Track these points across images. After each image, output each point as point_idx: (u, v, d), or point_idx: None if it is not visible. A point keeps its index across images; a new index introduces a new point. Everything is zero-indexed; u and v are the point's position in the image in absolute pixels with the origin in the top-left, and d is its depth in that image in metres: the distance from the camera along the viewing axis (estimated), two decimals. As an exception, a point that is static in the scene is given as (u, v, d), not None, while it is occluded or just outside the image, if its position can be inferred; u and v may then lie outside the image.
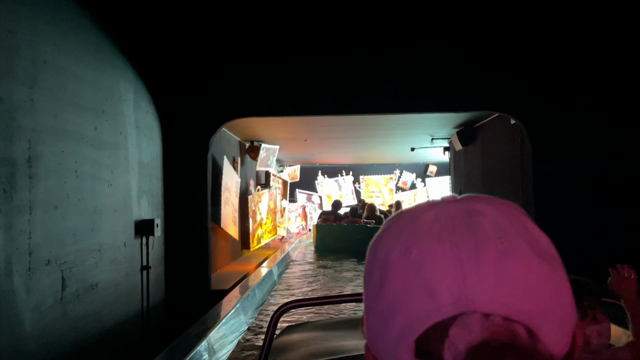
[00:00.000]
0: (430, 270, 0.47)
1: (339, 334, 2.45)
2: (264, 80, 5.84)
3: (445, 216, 0.50)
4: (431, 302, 0.46)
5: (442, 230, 0.49)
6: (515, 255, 0.47)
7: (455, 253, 0.47)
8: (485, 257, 0.46)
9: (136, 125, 4.88)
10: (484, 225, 0.48)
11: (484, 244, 0.47)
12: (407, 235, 0.50)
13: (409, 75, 5.78)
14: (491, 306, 0.45)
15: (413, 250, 0.49)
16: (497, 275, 0.46)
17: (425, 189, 17.63)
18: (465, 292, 0.45)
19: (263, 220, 10.78)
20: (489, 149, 7.91)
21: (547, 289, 0.47)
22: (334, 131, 9.63)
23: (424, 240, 0.49)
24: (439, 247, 0.48)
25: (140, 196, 4.93)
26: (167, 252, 5.61)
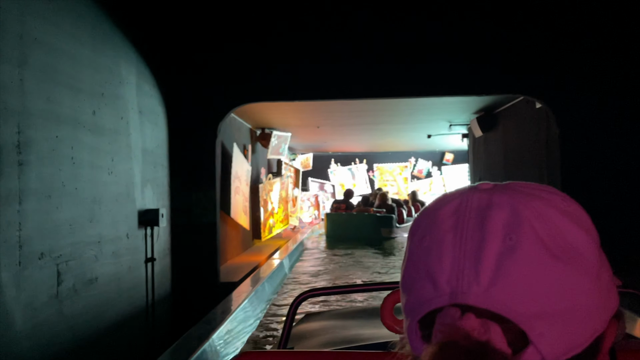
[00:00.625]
0: (435, 259, 0.49)
1: (357, 322, 2.46)
2: (275, 63, 5.54)
3: (464, 208, 0.51)
4: (432, 290, 0.48)
5: (456, 223, 0.50)
6: (519, 253, 0.46)
7: (460, 247, 0.48)
8: (487, 253, 0.47)
9: (139, 110, 4.61)
10: (496, 221, 0.48)
11: (489, 240, 0.47)
12: (426, 223, 0.53)
13: (430, 55, 5.44)
14: (483, 302, 0.46)
15: (426, 238, 0.51)
16: (494, 272, 0.46)
17: (442, 178, 17.25)
18: (461, 285, 0.47)
19: (274, 210, 10.52)
20: (511, 135, 7.55)
21: (555, 291, 0.46)
22: (347, 117, 9.30)
23: (437, 230, 0.51)
24: (447, 239, 0.49)
25: (144, 185, 4.68)
26: (174, 244, 5.37)
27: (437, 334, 0.47)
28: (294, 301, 1.83)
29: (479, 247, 0.47)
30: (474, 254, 0.47)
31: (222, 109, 5.68)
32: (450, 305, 0.47)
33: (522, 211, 0.48)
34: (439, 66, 5.49)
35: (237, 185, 7.88)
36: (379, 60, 5.48)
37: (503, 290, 0.45)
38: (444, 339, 0.46)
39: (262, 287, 5.48)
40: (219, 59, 5.54)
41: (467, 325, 0.45)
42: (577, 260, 0.47)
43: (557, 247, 0.47)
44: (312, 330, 2.46)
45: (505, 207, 0.49)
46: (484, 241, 0.47)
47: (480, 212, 0.49)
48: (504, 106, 7.85)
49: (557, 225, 0.48)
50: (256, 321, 4.86)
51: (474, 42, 5.45)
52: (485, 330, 0.45)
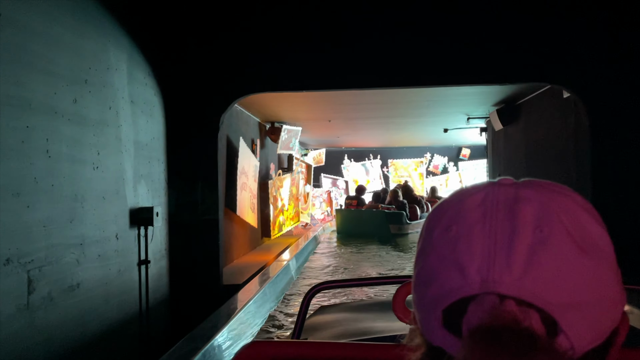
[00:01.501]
0: (463, 249, 0.49)
1: (370, 315, 2.48)
2: (283, 50, 5.14)
3: (492, 200, 0.51)
4: (460, 279, 0.48)
5: (485, 214, 0.50)
6: (550, 245, 0.47)
7: (490, 236, 0.49)
8: (519, 243, 0.48)
9: (131, 100, 4.25)
10: (526, 213, 0.49)
11: (521, 231, 0.48)
12: (451, 214, 0.53)
13: (450, 42, 5.00)
14: (516, 291, 0.46)
15: (453, 228, 0.51)
16: (526, 262, 0.47)
17: (458, 174, 16.75)
18: (492, 274, 0.47)
19: (285, 207, 10.14)
20: (534, 128, 7.07)
21: (582, 282, 0.47)
22: (359, 110, 8.88)
23: (465, 220, 0.51)
24: (476, 229, 0.50)
25: (137, 181, 4.32)
26: (172, 244, 5.01)
27: (473, 320, 0.47)
28: (307, 294, 1.86)
29: (510, 238, 0.48)
30: (506, 244, 0.48)
31: (226, 100, 5.29)
32: (485, 293, 0.47)
33: (551, 205, 0.50)
34: (459, 53, 5.04)
35: (244, 181, 7.51)
36: (394, 47, 5.05)
37: (535, 280, 0.47)
38: (490, 323, 0.46)
39: (263, 294, 5.07)
40: (222, 45, 5.15)
41: (510, 311, 0.46)
42: (600, 254, 0.50)
43: (583, 241, 0.49)
44: (325, 322, 2.49)
45: (534, 201, 0.50)
46: (515, 232, 0.48)
47: (508, 204, 0.50)
48: (526, 97, 7.36)
49: (580, 221, 0.50)
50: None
51: (497, 27, 5.00)
52: (526, 316, 0.46)
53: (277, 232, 9.66)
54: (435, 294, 0.50)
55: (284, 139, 9.74)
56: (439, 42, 5.02)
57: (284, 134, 9.67)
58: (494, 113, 8.12)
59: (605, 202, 4.95)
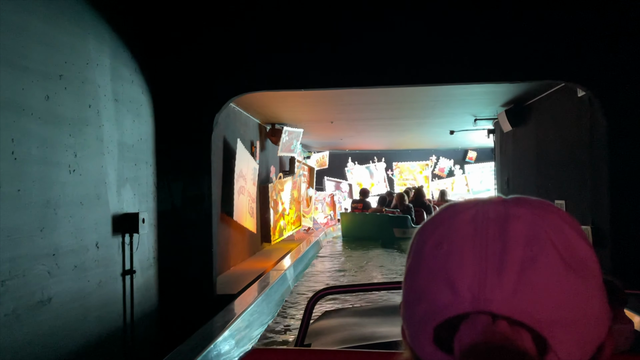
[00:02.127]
0: (454, 266, 0.50)
1: (374, 320, 2.46)
2: (281, 46, 4.84)
3: (482, 217, 0.52)
4: (451, 297, 0.49)
5: (475, 231, 0.51)
6: (540, 263, 0.48)
7: (481, 254, 0.49)
8: (509, 262, 0.48)
9: (115, 98, 3.95)
10: (516, 231, 0.50)
11: (511, 249, 0.49)
12: (442, 230, 0.53)
13: (460, 38, 4.69)
14: (506, 310, 0.47)
15: (444, 245, 0.52)
16: (517, 281, 0.47)
17: (464, 177, 16.40)
18: (483, 292, 0.48)
19: (286, 211, 9.83)
20: (545, 129, 6.74)
21: (571, 300, 0.48)
22: (363, 111, 8.56)
23: (455, 237, 0.52)
24: (467, 247, 0.50)
25: (122, 185, 4.03)
26: (162, 252, 4.71)
27: (465, 340, 0.47)
28: (311, 299, 1.87)
29: (501, 256, 0.49)
30: (497, 262, 0.48)
31: (220, 99, 4.99)
32: (476, 312, 0.48)
33: (540, 223, 0.50)
34: (468, 50, 4.73)
35: (242, 185, 7.21)
36: (399, 43, 4.74)
37: (525, 299, 0.47)
38: (483, 343, 0.46)
39: (257, 307, 4.75)
40: (216, 40, 4.86)
41: (503, 331, 0.47)
42: (588, 272, 0.50)
43: (571, 259, 0.49)
44: (329, 327, 2.48)
45: (524, 219, 0.51)
46: (506, 250, 0.49)
47: (499, 222, 0.51)
48: (536, 97, 7.03)
49: (569, 239, 0.51)
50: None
51: (508, 22, 4.69)
52: (518, 336, 0.47)
53: (278, 237, 9.35)
54: (426, 311, 0.51)
55: (285, 141, 9.44)
56: (447, 38, 4.71)
57: (285, 136, 9.37)
58: (503, 114, 7.79)
59: (624, 210, 4.63)
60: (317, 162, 14.76)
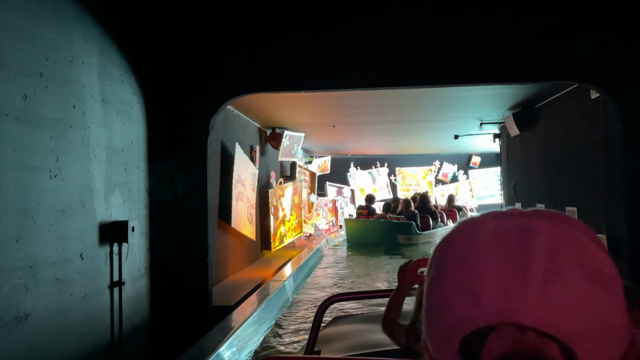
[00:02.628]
0: (478, 279, 0.50)
1: None
2: (280, 46, 4.61)
3: (504, 230, 0.53)
4: (476, 309, 0.50)
5: (497, 244, 0.52)
6: (563, 275, 0.49)
7: (504, 267, 0.50)
8: (533, 274, 0.49)
9: (103, 99, 3.72)
10: (538, 244, 0.50)
11: (533, 262, 0.49)
12: (464, 243, 0.54)
13: (469, 37, 4.46)
14: (532, 321, 0.48)
15: (466, 258, 0.52)
16: (541, 293, 0.48)
17: (468, 182, 16.15)
18: (508, 304, 0.48)
19: (286, 217, 9.59)
20: (555, 133, 6.49)
21: (594, 311, 0.49)
22: (365, 115, 8.33)
23: (477, 250, 0.52)
24: (490, 259, 0.51)
25: (110, 191, 3.79)
26: (154, 261, 4.47)
27: (494, 351, 0.49)
28: (321, 306, 1.88)
29: (524, 269, 0.49)
30: (520, 275, 0.49)
31: (216, 101, 4.76)
32: (503, 324, 0.49)
33: (560, 236, 0.51)
34: (478, 50, 4.49)
35: (240, 191, 6.97)
36: (402, 41, 4.51)
37: (551, 310, 0.48)
38: (513, 354, 0.48)
39: (254, 320, 4.50)
40: (212, 39, 4.64)
41: (531, 342, 0.48)
42: (609, 282, 0.50)
43: (592, 269, 0.50)
44: (339, 334, 2.48)
45: (544, 231, 0.51)
46: (529, 263, 0.49)
47: (520, 235, 0.51)
48: (546, 99, 6.79)
49: (589, 250, 0.51)
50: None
51: (519, 21, 4.45)
52: (546, 347, 0.48)
53: (278, 244, 9.10)
54: (450, 323, 0.52)
55: (285, 146, 9.21)
56: (454, 37, 4.48)
57: (286, 140, 9.14)
58: (510, 117, 7.55)
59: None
60: (318, 167, 14.53)
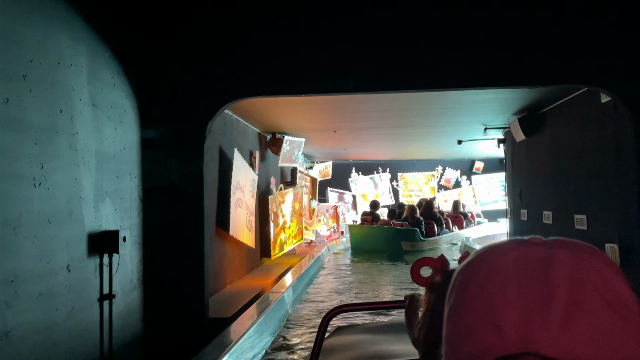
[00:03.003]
0: (500, 308, 0.51)
1: (388, 337, 2.41)
2: (279, 48, 4.45)
3: (525, 260, 0.53)
4: (498, 338, 0.50)
5: (519, 274, 0.52)
6: (585, 306, 0.49)
7: (526, 297, 0.50)
8: (555, 305, 0.50)
9: (92, 103, 3.56)
10: (560, 275, 0.51)
11: (556, 293, 0.50)
12: (485, 272, 0.54)
13: (475, 40, 4.29)
14: (554, 351, 0.48)
15: (488, 286, 0.53)
16: (563, 324, 0.49)
17: (471, 188, 15.97)
18: (530, 334, 0.49)
19: (287, 224, 9.41)
20: (563, 138, 6.31)
21: (615, 342, 0.49)
22: (367, 120, 8.16)
23: (500, 280, 0.53)
24: (512, 289, 0.51)
25: (101, 199, 3.62)
26: (147, 272, 4.30)
27: None
28: (325, 317, 1.88)
29: (546, 299, 0.50)
30: (542, 305, 0.50)
31: (213, 105, 4.59)
32: (525, 353, 0.49)
33: (583, 267, 0.52)
34: (484, 53, 4.32)
35: (239, 197, 6.80)
36: (405, 43, 4.34)
37: (572, 341, 0.48)
38: None
39: (251, 335, 4.31)
40: (208, 42, 4.48)
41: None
42: (630, 313, 0.51)
43: (614, 301, 0.50)
44: (342, 345, 2.45)
45: (567, 262, 0.52)
46: (551, 294, 0.50)
47: (542, 265, 0.52)
48: (553, 104, 6.62)
49: (611, 282, 0.51)
50: None
51: (526, 24, 4.28)
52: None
53: (278, 252, 8.91)
54: (472, 351, 0.52)
55: (286, 151, 9.04)
56: (461, 40, 4.31)
57: (286, 146, 8.97)
58: (515, 122, 7.37)
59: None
60: (319, 173, 14.36)
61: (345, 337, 2.61)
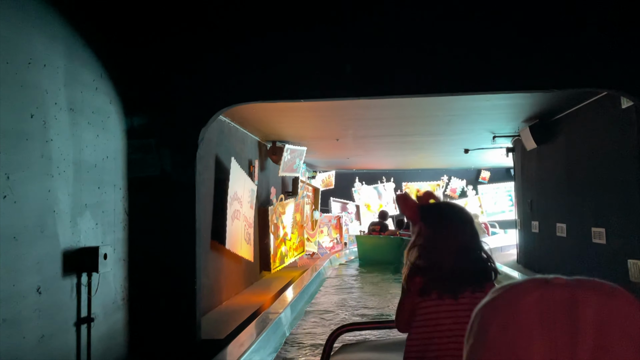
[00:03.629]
0: (524, 352, 0.50)
1: (394, 356, 2.34)
2: (276, 50, 4.14)
3: (549, 302, 0.51)
4: None
5: (542, 317, 0.51)
6: (612, 350, 0.48)
7: (551, 341, 0.49)
8: (581, 349, 0.48)
9: (70, 107, 3.25)
10: (586, 319, 0.50)
11: (582, 337, 0.49)
12: (506, 314, 0.53)
13: (489, 42, 3.98)
14: None
15: (510, 328, 0.52)
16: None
17: (478, 198, 15.60)
18: None
19: (287, 236, 9.07)
20: (579, 146, 5.98)
21: None
22: (370, 127, 7.85)
23: (522, 321, 0.52)
24: (535, 332, 0.50)
25: (79, 213, 3.30)
26: (133, 292, 3.97)
27: None
28: (330, 336, 1.95)
29: (572, 343, 0.49)
30: (568, 348, 0.49)
31: (206, 111, 4.29)
32: None
33: (608, 309, 0.50)
34: (498, 55, 4.01)
35: (237, 209, 6.47)
36: (412, 44, 4.03)
37: None
38: None
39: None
40: (201, 42, 4.18)
41: None
42: None
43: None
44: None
45: (592, 304, 0.51)
46: (577, 337, 0.49)
47: (566, 307, 0.51)
48: (567, 110, 6.29)
49: (637, 322, 0.50)
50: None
51: (543, 24, 3.97)
52: None
53: (279, 265, 8.57)
54: None
55: (286, 160, 8.72)
56: (471, 41, 4.00)
57: (287, 155, 8.66)
58: (526, 130, 7.04)
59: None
60: (322, 182, 14.04)
61: (350, 355, 2.57)
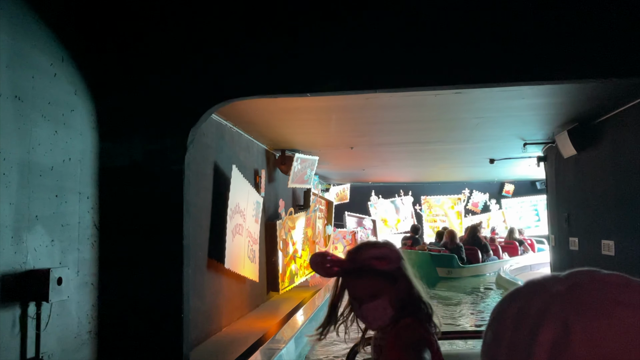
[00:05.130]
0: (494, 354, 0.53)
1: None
2: (276, 37, 3.48)
3: (522, 313, 0.53)
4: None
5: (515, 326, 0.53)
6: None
7: (512, 352, 0.52)
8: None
9: (16, 95, 2.60)
10: (546, 337, 0.50)
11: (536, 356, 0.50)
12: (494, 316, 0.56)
13: (532, 25, 3.27)
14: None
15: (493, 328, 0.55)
16: None
17: (501, 212, 14.76)
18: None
19: (297, 253, 8.35)
20: (628, 152, 5.20)
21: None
22: (388, 134, 7.14)
23: (499, 327, 0.54)
24: (505, 338, 0.53)
25: (27, 227, 2.63)
26: (103, 324, 3.28)
27: None
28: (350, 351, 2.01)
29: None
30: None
31: (195, 107, 3.63)
32: None
33: (574, 331, 0.49)
34: (543, 40, 3.30)
35: (239, 223, 5.79)
36: (435, 29, 3.34)
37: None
38: None
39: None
40: (188, 28, 3.53)
41: None
42: None
43: None
44: None
45: (558, 323, 0.50)
46: (532, 356, 0.50)
47: (534, 321, 0.51)
48: (611, 112, 5.53)
49: (610, 350, 0.48)
50: None
51: (584, 6, 3.26)
52: None
53: (288, 285, 7.85)
54: None
55: (296, 170, 8.04)
56: (513, 25, 3.30)
57: (297, 164, 7.98)
58: (564, 135, 6.27)
59: None
60: (337, 196, 13.35)
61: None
